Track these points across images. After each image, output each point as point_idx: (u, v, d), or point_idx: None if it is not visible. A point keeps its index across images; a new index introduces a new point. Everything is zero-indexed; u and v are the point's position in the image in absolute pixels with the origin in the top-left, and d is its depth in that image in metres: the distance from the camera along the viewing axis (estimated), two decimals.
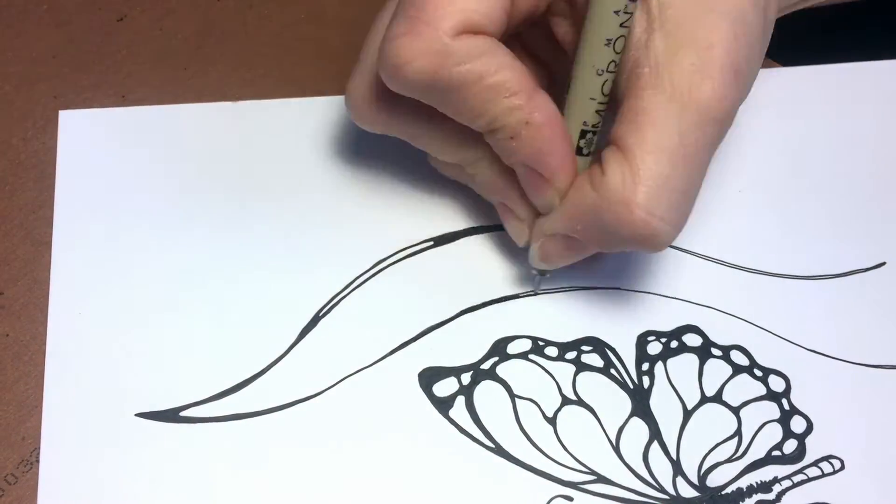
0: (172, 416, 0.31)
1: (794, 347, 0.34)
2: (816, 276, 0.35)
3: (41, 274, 0.33)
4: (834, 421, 0.32)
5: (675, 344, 0.34)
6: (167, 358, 0.32)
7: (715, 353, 0.33)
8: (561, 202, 0.31)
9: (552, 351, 0.33)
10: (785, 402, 0.33)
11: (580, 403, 0.32)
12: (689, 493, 0.31)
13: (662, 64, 0.28)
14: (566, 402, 0.32)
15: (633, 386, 0.33)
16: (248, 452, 0.30)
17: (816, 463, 0.32)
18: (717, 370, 0.33)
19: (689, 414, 0.32)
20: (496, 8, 0.28)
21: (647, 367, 0.33)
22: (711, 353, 0.33)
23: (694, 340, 0.34)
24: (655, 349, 0.33)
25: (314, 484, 0.30)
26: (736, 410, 0.32)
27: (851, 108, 0.39)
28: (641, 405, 0.32)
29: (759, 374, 0.33)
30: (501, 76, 0.28)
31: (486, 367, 0.33)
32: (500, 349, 0.33)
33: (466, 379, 0.32)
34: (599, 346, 0.33)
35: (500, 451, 0.31)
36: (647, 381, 0.33)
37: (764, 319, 0.34)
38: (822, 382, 0.33)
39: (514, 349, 0.33)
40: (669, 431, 0.32)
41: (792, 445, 0.32)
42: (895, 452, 0.32)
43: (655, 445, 0.32)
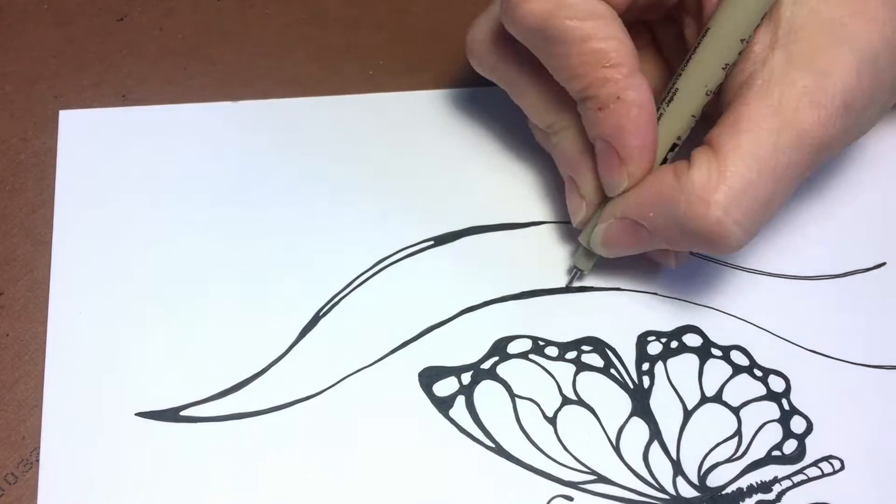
0: (172, 415, 0.31)
1: (793, 348, 0.34)
2: (816, 276, 0.35)
3: (41, 274, 0.33)
4: (834, 421, 0.32)
5: (675, 344, 0.34)
6: (167, 357, 0.32)
7: (715, 353, 0.33)
8: (637, 187, 0.31)
9: (552, 351, 0.33)
10: (785, 402, 0.33)
11: (580, 403, 0.32)
12: (689, 492, 0.31)
13: (776, 79, 0.29)
14: (566, 401, 0.32)
15: (633, 386, 0.33)
16: (248, 452, 0.30)
17: (816, 463, 0.32)
18: (717, 370, 0.33)
19: (689, 414, 0.32)
20: None
21: (647, 367, 0.33)
22: (711, 353, 0.33)
23: (694, 340, 0.34)
24: (655, 349, 0.33)
25: (314, 484, 0.30)
26: (736, 410, 0.32)
27: None
28: (641, 405, 0.32)
29: (759, 374, 0.33)
30: (607, 44, 0.28)
31: (486, 366, 0.33)
32: (500, 349, 0.33)
33: (467, 378, 0.32)
34: (600, 346, 0.33)
35: (500, 450, 0.31)
36: (647, 380, 0.33)
37: (764, 320, 0.34)
38: (822, 383, 0.33)
39: (514, 349, 0.33)
40: (669, 431, 0.32)
41: (792, 445, 0.32)
42: (895, 453, 0.32)
43: (655, 445, 0.32)
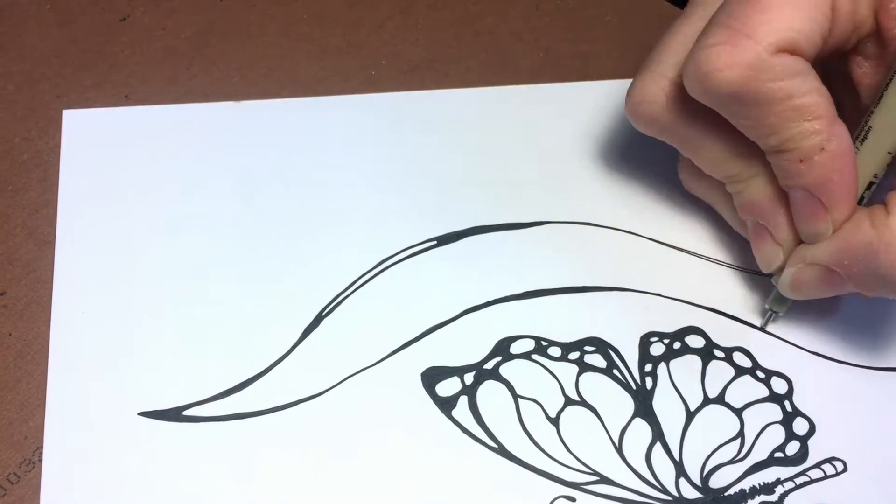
0: (175, 415, 0.31)
1: (796, 350, 0.34)
2: None
3: (44, 273, 0.33)
4: (836, 423, 0.32)
5: (677, 345, 0.34)
6: (169, 357, 0.32)
7: (717, 354, 0.33)
8: (832, 234, 0.30)
9: (555, 351, 0.33)
10: (787, 403, 0.33)
11: (583, 404, 0.32)
12: (691, 494, 0.31)
13: None
14: (569, 402, 0.32)
15: (635, 387, 0.33)
16: (250, 452, 0.30)
17: (819, 465, 0.32)
18: (719, 372, 0.33)
19: (691, 415, 0.32)
20: (816, 32, 0.28)
21: (649, 368, 0.33)
22: (714, 354, 0.33)
23: (697, 342, 0.34)
24: (658, 350, 0.33)
25: (316, 484, 0.30)
26: (738, 412, 0.32)
27: None
28: (644, 406, 0.32)
29: (761, 375, 0.33)
30: (809, 99, 0.28)
31: (489, 366, 0.33)
32: (503, 349, 0.33)
33: (469, 379, 0.32)
34: (602, 346, 0.33)
35: (502, 451, 0.31)
36: (649, 382, 0.33)
37: (771, 324, 0.34)
38: (824, 385, 0.33)
39: (517, 349, 0.33)
40: (672, 433, 0.32)
41: (794, 447, 0.32)
42: None
43: (658, 446, 0.32)
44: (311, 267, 0.34)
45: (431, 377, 0.32)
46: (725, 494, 0.31)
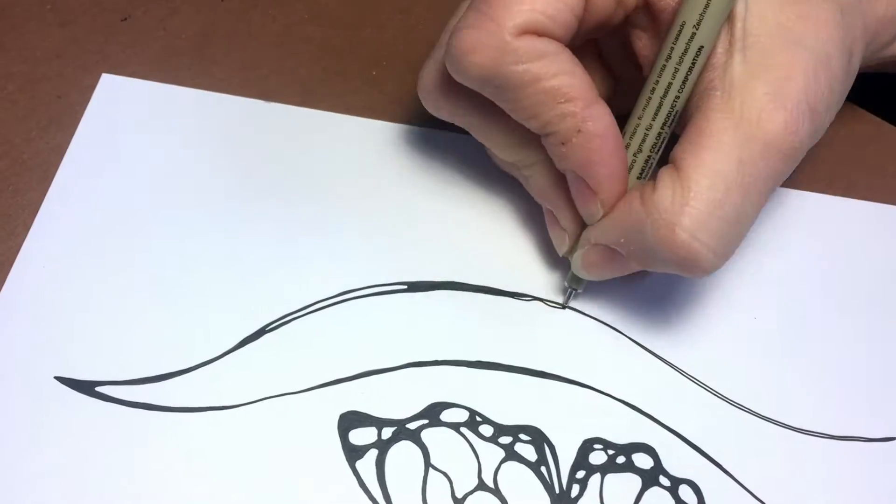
0: (88, 388, 0.30)
1: (753, 500, 0.30)
2: (811, 431, 0.32)
3: None
4: None
5: (622, 460, 0.31)
6: (106, 330, 0.31)
7: (663, 482, 0.30)
8: (608, 213, 0.30)
9: (487, 430, 0.31)
10: None
11: (495, 493, 0.30)
12: None
13: (736, 89, 0.28)
14: (481, 486, 0.30)
15: (559, 491, 0.30)
16: (141, 445, 0.29)
17: None
18: (657, 502, 0.30)
19: None
20: (565, 12, 0.28)
21: (582, 475, 0.30)
22: (659, 481, 0.30)
23: (644, 462, 0.31)
24: (598, 459, 0.31)
25: (195, 493, 0.29)
26: None
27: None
28: None
29: None
30: (558, 81, 0.28)
31: (412, 426, 0.31)
32: (433, 413, 0.31)
33: (387, 433, 0.30)
34: (539, 438, 0.31)
35: None
36: (576, 489, 0.30)
37: (730, 461, 0.31)
38: None
39: (448, 417, 0.31)
40: None
41: None
42: None
43: None
44: (272, 277, 0.33)
45: (349, 421, 0.31)
46: None
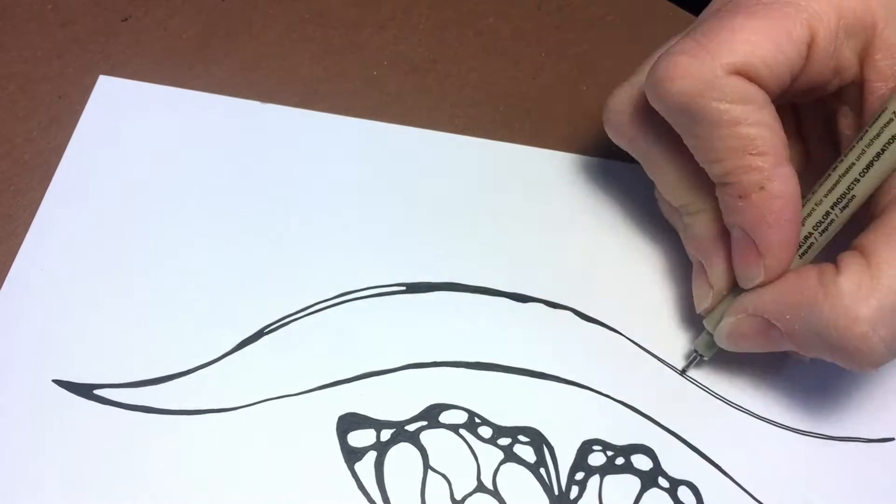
0: (86, 391, 0.30)
1: (752, 501, 0.30)
2: (810, 432, 0.32)
3: None
4: None
5: (621, 461, 0.31)
6: (105, 332, 0.31)
7: (662, 483, 0.30)
8: (775, 285, 0.29)
9: (486, 431, 0.31)
10: None
11: (494, 495, 0.30)
12: None
13: None
14: (481, 488, 0.30)
15: (558, 492, 0.30)
16: (140, 448, 0.29)
17: None
18: (656, 503, 0.30)
19: None
20: (784, 64, 0.27)
21: (580, 476, 0.30)
22: (658, 482, 0.30)
23: (643, 463, 0.31)
24: (598, 460, 0.31)
25: (194, 496, 0.29)
26: None
27: None
28: None
29: None
30: (756, 131, 0.27)
31: (410, 428, 0.31)
32: (431, 414, 0.31)
33: (386, 435, 0.30)
34: (538, 440, 0.31)
35: None
36: (575, 491, 0.30)
37: (729, 463, 0.31)
38: None
39: (446, 419, 0.31)
40: None
41: None
42: None
43: None
44: (271, 278, 0.33)
45: (348, 423, 0.31)
46: None
